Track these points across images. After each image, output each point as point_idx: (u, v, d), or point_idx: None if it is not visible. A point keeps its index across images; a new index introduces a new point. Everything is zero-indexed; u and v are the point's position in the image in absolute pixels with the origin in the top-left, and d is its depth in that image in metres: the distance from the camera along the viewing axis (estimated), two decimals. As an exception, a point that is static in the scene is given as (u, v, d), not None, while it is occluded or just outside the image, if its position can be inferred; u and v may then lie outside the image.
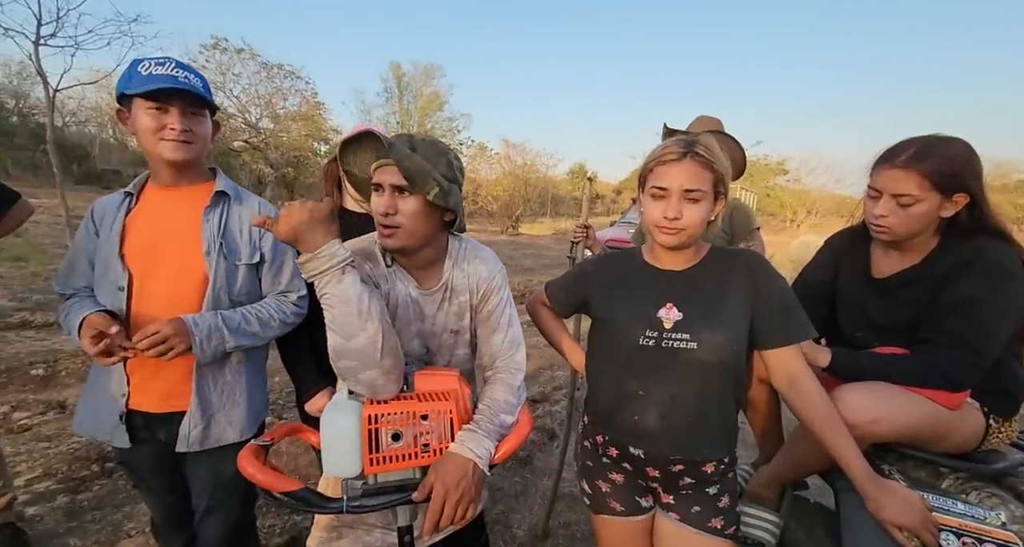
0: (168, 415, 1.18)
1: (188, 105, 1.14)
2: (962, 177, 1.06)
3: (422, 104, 24.99)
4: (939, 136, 1.10)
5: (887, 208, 1.11)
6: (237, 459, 0.88)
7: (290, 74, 17.20)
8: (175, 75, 1.11)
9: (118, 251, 1.14)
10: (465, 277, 1.13)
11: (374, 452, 0.86)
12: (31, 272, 6.02)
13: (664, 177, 0.98)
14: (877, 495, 0.93)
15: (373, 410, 0.87)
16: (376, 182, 0.99)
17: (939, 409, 1.08)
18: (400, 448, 0.88)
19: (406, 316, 1.09)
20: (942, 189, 1.06)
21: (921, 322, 1.13)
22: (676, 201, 0.97)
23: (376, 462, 0.86)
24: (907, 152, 1.09)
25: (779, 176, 30.49)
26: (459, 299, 1.12)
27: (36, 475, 2.24)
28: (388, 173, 0.97)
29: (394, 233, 0.99)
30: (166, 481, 1.27)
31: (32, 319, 4.34)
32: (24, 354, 3.63)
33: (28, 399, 3.00)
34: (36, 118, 18.24)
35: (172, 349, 1.05)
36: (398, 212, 0.97)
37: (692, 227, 0.99)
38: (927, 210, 1.08)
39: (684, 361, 1.01)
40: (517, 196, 21.00)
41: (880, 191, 1.12)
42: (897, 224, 1.11)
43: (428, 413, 0.90)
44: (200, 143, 1.18)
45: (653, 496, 1.14)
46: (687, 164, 0.97)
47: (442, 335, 1.12)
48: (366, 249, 1.08)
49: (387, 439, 0.87)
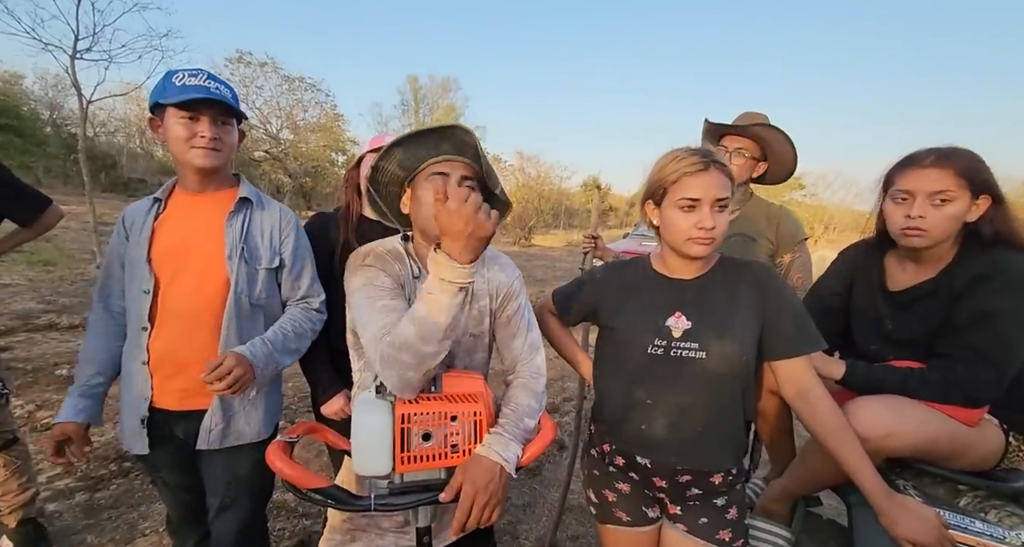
0: (187, 413, 1.22)
1: (218, 114, 1.19)
2: (987, 178, 1.06)
3: (438, 116, 25.39)
4: (952, 146, 1.10)
5: (923, 208, 1.08)
6: (266, 454, 0.88)
7: (311, 87, 17.69)
8: (207, 86, 1.16)
9: (146, 255, 1.19)
10: (485, 282, 1.14)
11: (405, 451, 0.86)
12: (59, 276, 6.21)
13: (694, 188, 0.98)
14: (891, 510, 0.91)
15: (406, 409, 0.87)
16: (442, 171, 1.00)
17: (956, 425, 1.06)
18: (430, 448, 0.88)
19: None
20: (972, 188, 1.05)
21: (938, 336, 1.11)
22: (709, 211, 0.98)
23: (407, 461, 0.86)
24: (933, 154, 1.08)
25: (795, 191, 30.20)
26: (479, 303, 1.14)
27: (57, 473, 2.29)
28: (456, 166, 1.01)
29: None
30: (182, 478, 1.30)
31: (59, 321, 4.47)
32: (50, 355, 3.74)
33: (52, 399, 3.08)
34: (68, 128, 18.96)
35: (240, 383, 1.08)
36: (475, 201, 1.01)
37: (721, 235, 1.00)
38: (960, 210, 1.06)
39: (693, 370, 1.01)
40: (530, 208, 21.09)
41: (911, 193, 1.10)
42: (933, 225, 1.07)
43: (457, 414, 0.90)
44: (227, 150, 1.23)
45: (660, 507, 1.13)
46: (714, 174, 0.98)
47: (462, 339, 1.13)
48: (394, 250, 1.09)
49: (418, 439, 0.87)
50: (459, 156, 1.03)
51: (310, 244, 1.38)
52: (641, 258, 1.21)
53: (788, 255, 1.70)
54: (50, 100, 20.09)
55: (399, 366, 0.87)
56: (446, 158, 1.02)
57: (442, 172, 1.00)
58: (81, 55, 6.88)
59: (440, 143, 1.01)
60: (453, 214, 0.77)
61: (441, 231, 0.80)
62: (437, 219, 0.80)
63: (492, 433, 0.95)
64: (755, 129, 1.64)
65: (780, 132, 1.63)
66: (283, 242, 1.30)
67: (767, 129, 1.63)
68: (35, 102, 19.81)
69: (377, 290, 1.00)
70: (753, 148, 1.67)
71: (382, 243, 1.11)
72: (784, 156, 1.66)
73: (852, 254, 1.37)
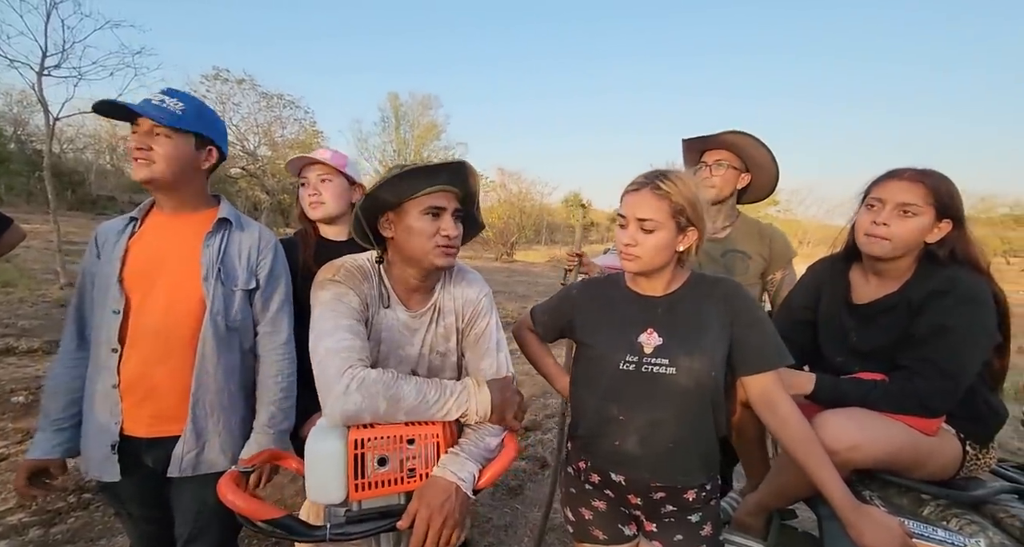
0: (157, 440, 1.17)
1: (154, 124, 1.13)
2: (955, 204, 1.13)
3: (419, 133, 25.51)
4: (931, 168, 1.17)
5: (890, 215, 1.14)
6: (217, 486, 0.86)
7: (289, 103, 17.55)
8: (150, 98, 1.16)
9: (117, 274, 1.15)
10: (452, 299, 1.15)
11: (360, 478, 0.84)
12: (18, 297, 5.95)
13: (624, 206, 1.05)
14: (857, 521, 0.93)
15: (359, 434, 0.86)
16: (438, 206, 1.02)
17: (917, 435, 1.10)
18: (386, 473, 0.86)
19: (394, 340, 1.10)
20: (938, 208, 1.12)
21: (899, 348, 1.16)
22: (632, 229, 1.03)
23: (361, 488, 0.85)
24: (911, 170, 1.16)
25: (770, 207, 31.20)
26: (446, 321, 1.14)
27: (9, 507, 2.16)
28: (451, 199, 1.05)
29: (454, 253, 1.07)
30: (149, 509, 1.24)
31: (16, 345, 4.26)
32: (6, 381, 3.55)
33: (7, 428, 2.92)
34: (34, 145, 18.40)
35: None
36: (459, 235, 1.06)
37: (647, 254, 1.03)
38: (922, 226, 1.12)
39: (663, 386, 1.03)
40: (512, 224, 21.22)
41: (882, 201, 1.16)
42: (895, 235, 1.13)
43: (415, 437, 0.90)
44: (162, 163, 1.15)
45: (636, 524, 1.13)
46: (644, 194, 1.02)
47: (429, 356, 1.13)
48: (363, 268, 1.09)
49: (373, 464, 0.85)
50: (452, 187, 1.05)
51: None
52: (616, 275, 1.23)
53: (779, 273, 1.75)
54: (15, 116, 19.49)
55: (366, 405, 0.88)
56: (442, 188, 1.03)
57: (439, 206, 1.02)
58: (49, 72, 6.76)
59: (439, 174, 1.02)
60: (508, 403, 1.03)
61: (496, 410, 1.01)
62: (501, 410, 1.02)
63: (449, 453, 0.94)
64: (727, 137, 1.67)
65: (752, 137, 1.66)
66: (260, 263, 1.28)
67: (738, 136, 1.65)
68: (-1, 118, 19.21)
69: (345, 307, 1.00)
70: (732, 158, 1.69)
71: (353, 259, 1.10)
72: (763, 162, 1.69)
73: (819, 268, 1.42)
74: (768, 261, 1.74)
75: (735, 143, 1.68)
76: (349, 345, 0.94)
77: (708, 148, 1.73)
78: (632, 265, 1.05)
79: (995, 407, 1.16)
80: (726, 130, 1.68)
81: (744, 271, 1.72)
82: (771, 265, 1.74)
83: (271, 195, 17.43)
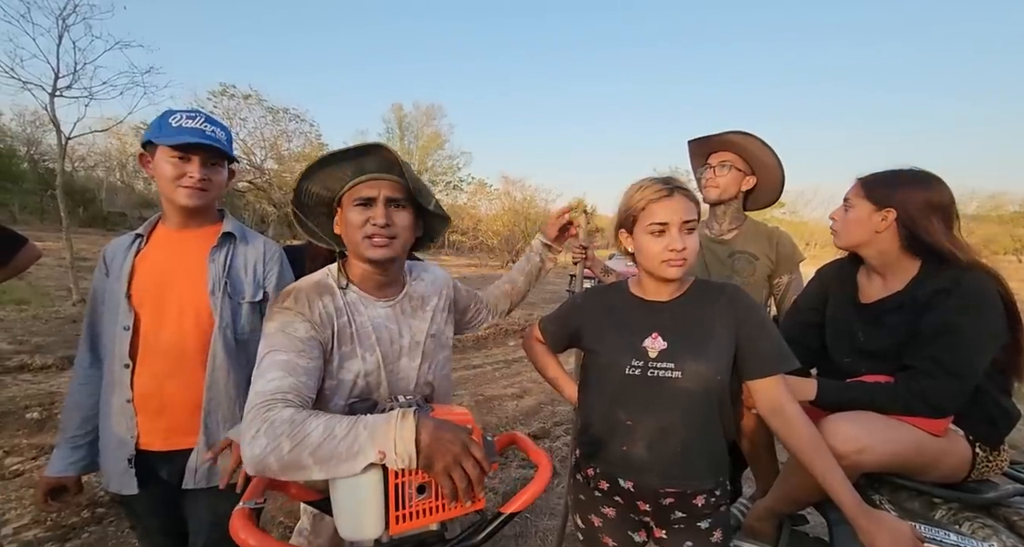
0: (171, 454, 1.19)
1: (210, 156, 1.21)
2: (891, 194, 1.17)
3: (423, 143, 25.74)
4: (919, 169, 1.19)
5: (837, 212, 1.31)
6: (231, 527, 0.77)
7: (295, 117, 17.81)
8: (203, 129, 1.19)
9: (125, 291, 1.18)
10: (425, 285, 1.17)
11: (402, 508, 0.75)
12: (32, 314, 6.04)
13: (661, 213, 1.04)
14: (868, 526, 0.92)
15: None
16: (366, 197, 0.98)
17: (925, 437, 1.09)
18: (426, 501, 0.78)
19: (387, 336, 1.05)
20: (871, 199, 1.20)
21: (905, 348, 1.16)
22: (678, 233, 1.03)
23: (403, 519, 0.76)
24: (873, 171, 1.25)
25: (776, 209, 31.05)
26: (430, 304, 1.16)
27: (25, 523, 2.19)
28: (382, 187, 0.98)
29: (390, 243, 0.99)
30: (164, 521, 1.26)
31: (31, 362, 4.33)
32: (20, 398, 3.61)
33: (22, 444, 2.96)
34: (46, 164, 18.78)
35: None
36: (395, 223, 0.99)
37: (693, 255, 1.04)
38: (860, 216, 1.22)
39: (669, 390, 1.04)
40: (517, 231, 21.25)
41: (845, 198, 1.29)
42: (839, 227, 1.29)
43: None
44: (215, 190, 1.25)
45: (646, 531, 1.13)
46: (678, 198, 1.04)
47: (425, 342, 1.12)
48: (321, 282, 1.04)
49: (412, 492, 0.76)
50: (384, 174, 0.99)
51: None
52: (621, 282, 1.25)
53: (786, 276, 1.74)
54: (28, 136, 19.93)
55: (270, 448, 0.75)
56: (370, 177, 0.99)
57: (367, 196, 0.97)
58: (61, 92, 6.91)
59: (363, 162, 0.98)
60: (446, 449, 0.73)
61: (427, 460, 0.74)
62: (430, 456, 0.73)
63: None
64: (731, 137, 1.68)
65: (756, 138, 1.66)
66: (267, 275, 1.31)
67: (742, 136, 1.66)
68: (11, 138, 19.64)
69: (284, 340, 0.91)
70: (736, 160, 1.70)
71: (311, 277, 1.06)
72: (768, 163, 1.68)
73: (827, 271, 1.43)
74: (775, 264, 1.74)
75: (739, 144, 1.68)
76: (275, 386, 0.84)
77: (713, 150, 1.75)
78: (682, 270, 1.04)
79: (1006, 408, 1.15)
80: (730, 130, 1.68)
81: (750, 273, 1.72)
82: (778, 268, 1.74)
83: (278, 208, 17.61)
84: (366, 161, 0.98)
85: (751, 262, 1.73)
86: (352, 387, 1.00)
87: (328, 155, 0.97)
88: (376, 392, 1.03)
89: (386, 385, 1.04)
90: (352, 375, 1.00)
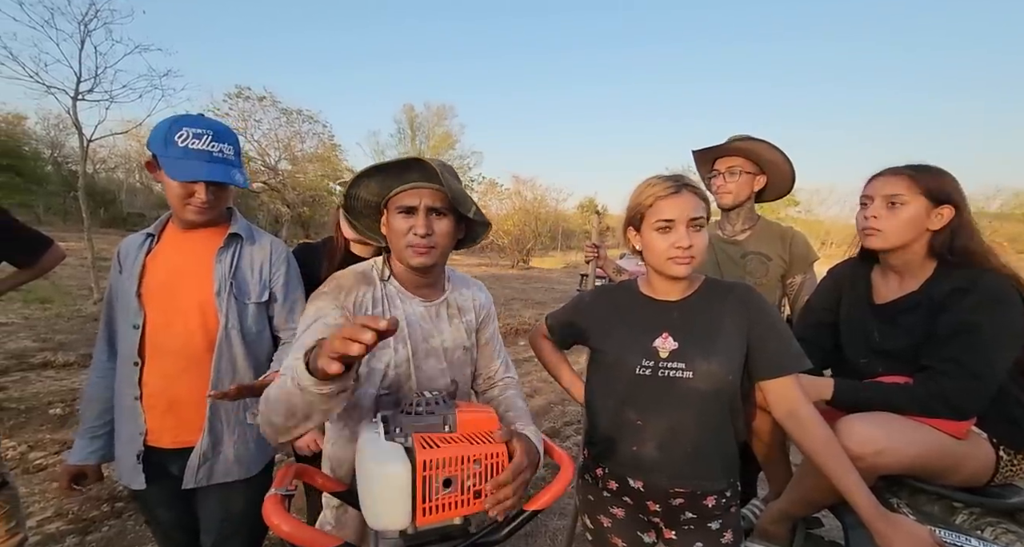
0: (181, 451, 1.21)
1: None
2: (948, 190, 1.11)
3: (434, 143, 25.85)
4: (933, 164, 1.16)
5: (878, 210, 1.17)
6: (263, 511, 0.79)
7: (308, 118, 18.02)
8: (210, 150, 1.14)
9: (136, 290, 1.20)
10: (464, 299, 1.19)
11: (428, 501, 0.78)
12: (55, 313, 6.20)
13: (668, 210, 1.02)
14: (884, 529, 0.91)
15: (427, 455, 0.79)
16: (409, 205, 1.02)
17: (946, 439, 1.06)
18: (451, 495, 0.80)
19: (422, 331, 1.09)
20: (928, 195, 1.12)
21: (922, 348, 1.13)
22: (685, 230, 1.02)
23: (429, 511, 0.78)
24: (897, 166, 1.18)
25: (790, 207, 30.55)
26: (466, 317, 1.17)
27: (48, 516, 2.25)
28: (423, 195, 1.02)
29: (430, 251, 1.03)
30: (177, 516, 1.29)
31: (54, 359, 4.44)
32: (44, 394, 3.71)
33: (45, 439, 3.04)
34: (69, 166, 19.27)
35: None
36: (434, 232, 1.03)
37: (700, 253, 1.03)
38: (914, 215, 1.13)
39: (681, 390, 1.03)
40: (528, 230, 21.22)
41: (870, 197, 1.19)
42: (886, 226, 1.15)
43: (480, 458, 0.83)
44: (222, 204, 1.25)
45: (656, 532, 1.12)
46: (686, 195, 1.03)
47: (455, 352, 1.14)
48: (365, 272, 1.10)
49: (438, 486, 0.79)
50: (425, 183, 1.03)
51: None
52: (629, 282, 1.24)
53: (800, 276, 1.72)
54: (51, 139, 20.48)
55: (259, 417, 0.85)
56: (412, 186, 1.03)
57: (409, 205, 1.02)
58: (83, 96, 7.07)
59: (407, 172, 1.03)
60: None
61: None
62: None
63: (527, 428, 1.00)
64: (735, 145, 1.67)
65: (762, 141, 1.65)
66: (274, 275, 1.31)
67: (748, 142, 1.65)
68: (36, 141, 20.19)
69: (315, 323, 0.97)
70: (745, 164, 1.69)
71: (356, 267, 1.12)
72: (776, 160, 1.67)
73: (839, 271, 1.40)
74: (788, 264, 1.72)
75: (746, 149, 1.67)
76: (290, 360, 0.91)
77: (719, 156, 1.73)
78: (689, 268, 1.04)
79: None
80: (735, 137, 1.68)
81: (763, 273, 1.70)
82: (791, 268, 1.72)
83: (291, 208, 17.86)
84: (409, 171, 1.03)
85: (764, 263, 1.71)
86: (383, 377, 1.04)
87: (374, 166, 1.03)
88: (406, 385, 1.06)
89: (415, 381, 1.06)
90: (383, 364, 1.03)
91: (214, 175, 1.15)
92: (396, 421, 0.86)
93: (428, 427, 0.86)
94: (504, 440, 0.84)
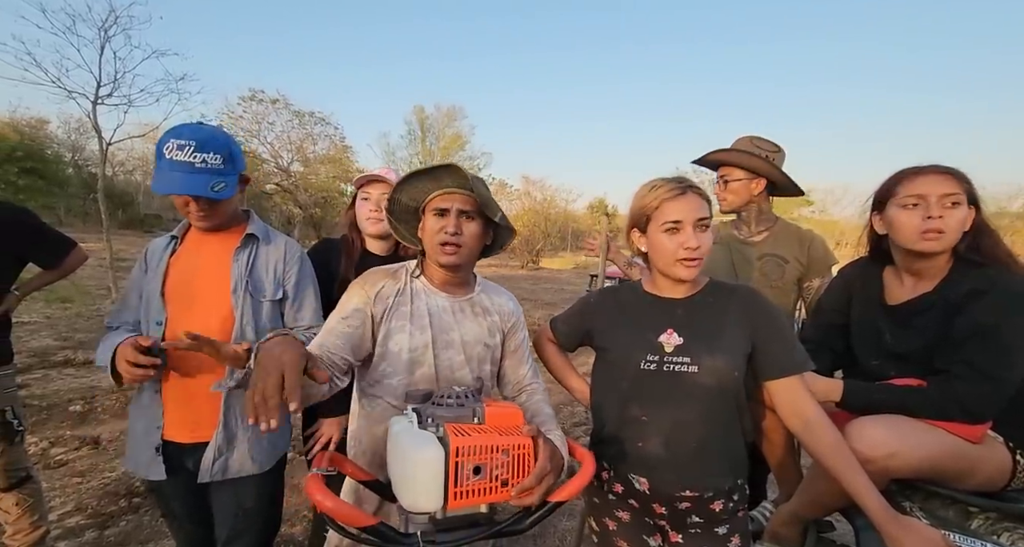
0: (196, 445, 1.24)
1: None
2: (975, 190, 1.10)
3: (444, 144, 25.93)
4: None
5: (940, 209, 1.08)
6: (307, 488, 0.82)
7: (320, 120, 18.24)
8: (191, 161, 1.14)
9: (160, 289, 1.25)
10: (492, 304, 1.25)
11: (459, 485, 0.82)
12: (75, 312, 6.36)
13: (675, 211, 1.03)
14: (896, 532, 0.89)
15: (460, 442, 0.84)
16: (442, 207, 1.11)
17: (960, 442, 1.05)
18: (480, 482, 0.84)
19: (444, 322, 1.16)
20: (969, 195, 1.10)
21: (936, 350, 1.11)
22: (692, 231, 1.02)
23: (459, 496, 0.83)
24: (933, 165, 1.13)
25: (804, 208, 30.06)
26: (491, 318, 1.23)
27: (68, 510, 2.30)
28: (456, 200, 1.11)
29: (457, 251, 1.11)
30: (192, 509, 1.32)
31: (74, 357, 4.55)
32: (64, 391, 3.80)
33: (65, 435, 3.11)
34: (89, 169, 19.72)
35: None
36: (463, 233, 1.11)
37: (706, 254, 1.03)
38: (966, 216, 1.09)
39: (686, 385, 1.03)
40: (537, 231, 21.24)
41: (923, 197, 1.10)
42: (950, 227, 1.08)
43: (508, 448, 0.87)
44: (220, 211, 1.27)
45: (662, 535, 1.12)
46: (691, 197, 1.03)
47: (476, 347, 1.19)
48: (396, 269, 1.21)
49: (468, 473, 0.83)
50: (458, 188, 1.12)
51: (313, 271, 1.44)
52: (634, 282, 1.24)
53: (818, 280, 1.70)
54: (72, 142, 21.00)
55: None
56: (446, 191, 1.12)
57: (443, 207, 1.11)
58: (102, 100, 7.23)
59: (442, 177, 1.12)
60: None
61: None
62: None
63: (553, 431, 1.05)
64: (709, 158, 1.76)
65: (733, 151, 1.72)
66: (287, 274, 1.36)
67: (722, 154, 1.73)
68: (58, 145, 20.71)
69: (342, 308, 1.12)
70: (732, 171, 1.74)
71: (393, 265, 1.23)
72: (757, 167, 1.69)
73: (850, 271, 1.39)
74: (806, 267, 1.71)
75: (723, 159, 1.74)
76: (319, 342, 1.06)
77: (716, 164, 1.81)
78: (695, 270, 1.04)
79: None
80: (713, 150, 1.77)
81: (779, 276, 1.70)
82: (809, 271, 1.71)
83: (304, 209, 18.06)
84: (444, 178, 1.12)
85: (780, 265, 1.70)
86: (398, 360, 1.12)
87: (413, 173, 1.13)
88: (418, 371, 1.12)
89: (434, 371, 1.12)
90: (398, 348, 1.11)
91: (188, 188, 1.16)
92: (428, 412, 0.92)
93: (458, 418, 0.91)
94: (531, 436, 0.88)
